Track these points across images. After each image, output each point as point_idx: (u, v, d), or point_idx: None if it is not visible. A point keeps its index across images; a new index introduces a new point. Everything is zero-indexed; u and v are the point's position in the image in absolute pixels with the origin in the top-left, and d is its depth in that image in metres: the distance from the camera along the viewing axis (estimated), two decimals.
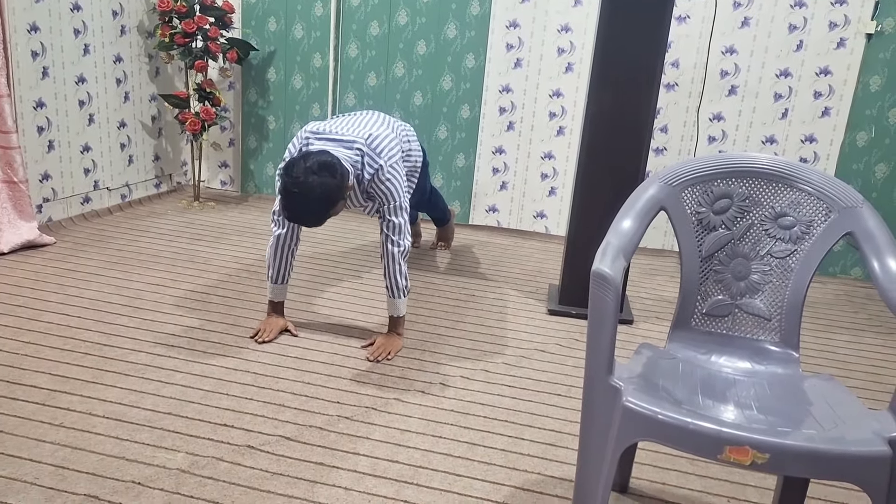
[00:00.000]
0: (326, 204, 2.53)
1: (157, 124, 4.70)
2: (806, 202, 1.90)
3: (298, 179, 2.47)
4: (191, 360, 2.68)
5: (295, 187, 2.47)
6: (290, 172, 2.50)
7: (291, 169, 2.50)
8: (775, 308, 1.94)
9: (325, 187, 2.50)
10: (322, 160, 2.52)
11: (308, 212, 2.53)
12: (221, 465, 2.10)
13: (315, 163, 2.50)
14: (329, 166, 2.52)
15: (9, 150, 3.54)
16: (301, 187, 2.47)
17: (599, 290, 1.61)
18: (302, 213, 2.54)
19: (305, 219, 2.57)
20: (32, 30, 3.66)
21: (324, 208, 2.54)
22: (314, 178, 2.47)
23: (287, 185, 2.49)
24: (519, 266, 3.99)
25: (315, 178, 2.48)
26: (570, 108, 4.29)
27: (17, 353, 2.61)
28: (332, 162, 2.54)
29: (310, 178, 2.47)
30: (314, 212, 2.54)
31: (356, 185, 2.73)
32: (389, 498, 2.02)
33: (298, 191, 2.47)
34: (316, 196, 2.49)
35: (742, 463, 1.47)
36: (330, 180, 2.51)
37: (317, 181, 2.48)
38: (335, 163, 2.55)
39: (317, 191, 2.48)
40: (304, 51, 4.58)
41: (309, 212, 2.53)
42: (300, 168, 2.49)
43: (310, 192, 2.47)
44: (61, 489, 1.94)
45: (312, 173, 2.48)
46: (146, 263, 3.57)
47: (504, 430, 2.40)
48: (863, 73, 3.93)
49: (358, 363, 2.76)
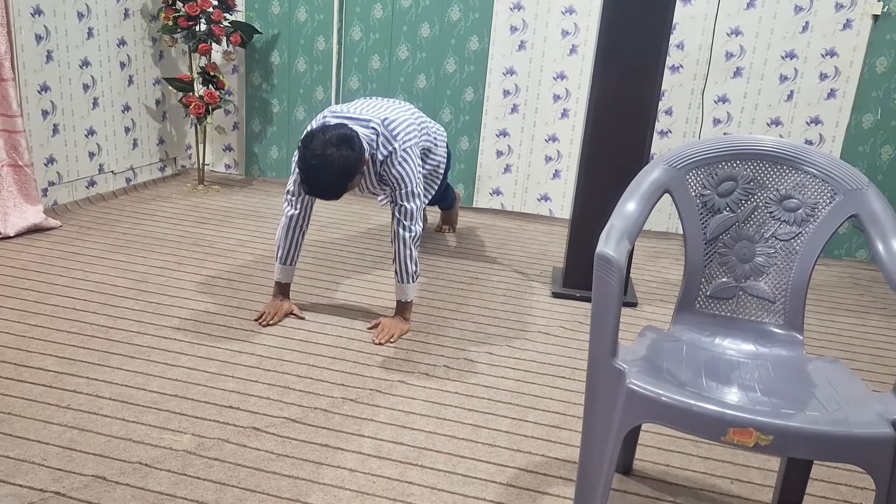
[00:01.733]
0: (345, 176, 2.54)
1: (162, 108, 4.70)
2: (811, 184, 1.90)
3: (317, 152, 2.48)
4: (196, 342, 2.69)
5: (314, 160, 2.49)
6: (309, 145, 2.51)
7: (310, 141, 2.52)
8: (780, 290, 1.94)
9: (344, 160, 2.51)
10: (340, 133, 2.53)
11: (327, 184, 2.53)
12: (227, 446, 2.11)
13: (334, 136, 2.52)
14: (347, 139, 2.54)
15: (14, 134, 3.54)
16: (320, 160, 2.48)
17: (603, 273, 1.61)
18: (321, 186, 2.54)
19: (324, 191, 2.56)
20: (36, 13, 3.66)
21: (342, 181, 2.54)
22: (333, 151, 2.49)
23: (306, 158, 2.50)
24: (523, 249, 3.99)
25: (334, 151, 2.49)
26: (575, 91, 4.27)
27: (24, 336, 2.63)
28: (350, 135, 2.55)
29: (328, 150, 2.49)
30: (333, 184, 2.54)
31: (371, 166, 2.74)
32: (394, 479, 2.03)
33: (318, 163, 2.48)
34: (335, 168, 2.50)
35: (746, 444, 1.47)
36: (349, 153, 2.52)
37: (336, 153, 2.49)
38: (353, 136, 2.56)
39: (336, 163, 2.49)
40: (307, 34, 4.57)
41: (328, 184, 2.53)
42: (319, 140, 2.50)
43: (329, 165, 2.48)
44: (69, 470, 1.95)
45: (331, 146, 2.49)
46: (151, 247, 3.58)
47: (508, 413, 2.41)
48: (869, 54, 3.91)
49: (362, 346, 2.77)
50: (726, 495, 2.08)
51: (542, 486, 2.05)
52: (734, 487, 2.11)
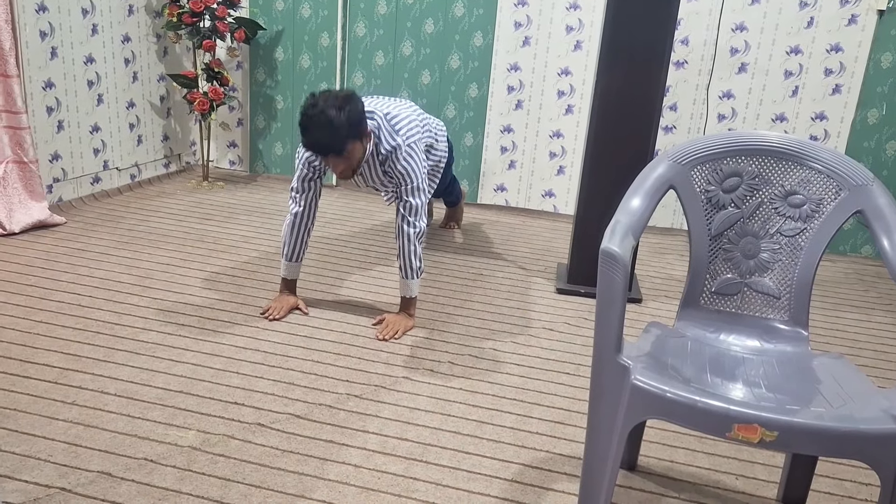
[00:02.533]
0: (348, 128, 2.52)
1: (166, 104, 4.70)
2: (816, 180, 1.89)
3: (318, 105, 2.50)
4: (201, 338, 2.69)
5: (314, 109, 2.50)
6: (312, 101, 2.52)
7: (314, 98, 2.53)
8: (784, 286, 1.94)
9: (349, 112, 2.51)
10: (345, 94, 2.55)
11: (329, 133, 2.51)
12: (232, 442, 2.11)
13: (336, 96, 2.53)
14: (352, 99, 2.55)
15: (19, 131, 3.55)
16: (321, 112, 2.49)
17: (608, 269, 1.61)
18: (322, 136, 2.52)
19: (325, 141, 2.53)
20: (40, 10, 3.66)
21: (344, 133, 2.52)
22: (335, 105, 2.50)
23: (307, 110, 2.51)
24: (527, 245, 3.99)
25: (337, 105, 2.50)
26: (579, 87, 4.27)
27: (30, 332, 2.63)
28: (354, 97, 2.57)
29: (330, 104, 2.50)
30: (335, 135, 2.51)
31: (374, 158, 2.74)
32: (398, 475, 2.03)
33: (316, 113, 2.49)
34: (339, 120, 2.49)
35: (751, 440, 1.47)
36: (354, 107, 2.53)
37: (339, 106, 2.50)
38: (358, 99, 2.58)
39: (340, 117, 2.49)
40: (311, 30, 4.57)
41: (330, 133, 2.51)
42: (321, 98, 2.52)
43: (332, 118, 2.48)
44: (74, 466, 1.96)
45: (333, 102, 2.51)
46: (156, 243, 3.58)
47: (512, 409, 2.41)
48: (874, 49, 3.90)
49: (367, 342, 2.77)
50: (731, 491, 2.08)
51: (547, 482, 2.06)
52: (739, 483, 2.11)
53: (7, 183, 3.55)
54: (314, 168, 2.82)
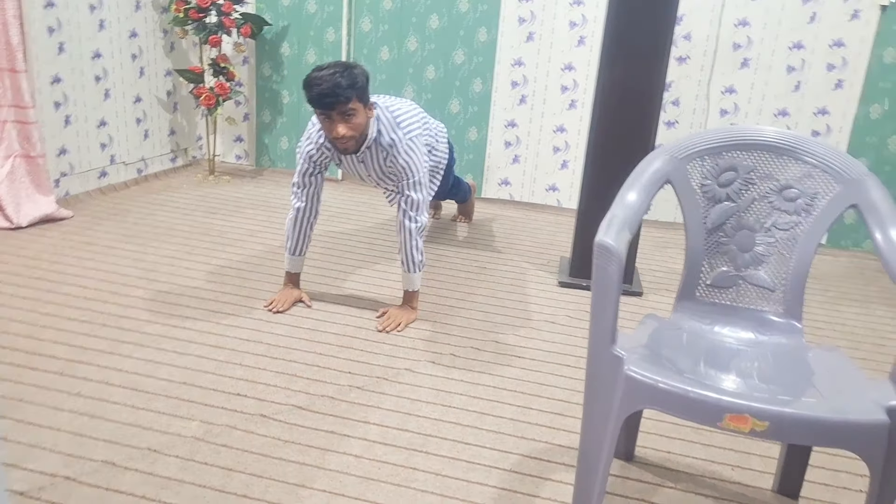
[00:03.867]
0: (353, 83, 2.57)
1: (173, 99, 4.73)
2: (811, 174, 1.91)
3: (325, 64, 2.61)
4: (205, 330, 2.72)
5: (320, 67, 2.60)
6: (317, 66, 2.62)
7: (318, 66, 2.63)
8: (779, 280, 1.96)
9: (355, 72, 2.60)
10: (353, 62, 2.65)
11: (335, 83, 2.54)
12: (235, 433, 2.15)
13: (344, 62, 2.64)
14: (359, 66, 2.64)
15: (26, 126, 3.58)
16: (330, 66, 2.59)
17: (603, 262, 1.63)
18: (328, 85, 2.55)
19: (332, 88, 2.55)
20: (48, 5, 3.69)
21: (350, 84, 2.56)
22: (342, 64, 2.60)
23: (314, 70, 2.60)
24: (531, 239, 4.01)
25: (344, 64, 2.61)
26: (583, 82, 4.28)
27: (36, 325, 2.67)
28: (361, 66, 2.65)
29: (337, 64, 2.61)
30: (340, 85, 2.55)
31: (376, 146, 2.76)
32: (399, 465, 2.06)
33: (327, 66, 2.59)
34: (345, 74, 2.56)
35: (742, 430, 1.50)
36: (360, 72, 2.62)
37: (346, 65, 2.60)
38: (364, 69, 2.66)
39: (346, 72, 2.57)
40: (317, 25, 4.59)
41: (336, 83, 2.54)
42: (329, 62, 2.63)
43: (338, 71, 2.56)
44: (79, 455, 1.99)
45: (342, 63, 2.62)
46: (162, 237, 3.62)
47: (513, 400, 2.44)
48: (877, 45, 3.90)
49: (370, 334, 2.80)
50: (727, 482, 2.10)
51: (545, 473, 2.08)
52: (735, 474, 2.14)
53: (15, 177, 3.58)
54: (315, 163, 2.85)
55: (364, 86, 2.62)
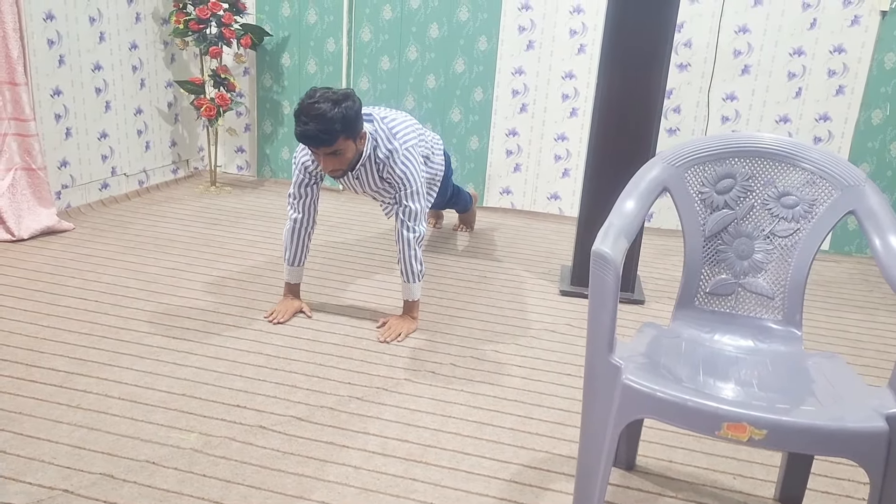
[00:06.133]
0: (342, 124, 2.53)
1: (174, 110, 4.74)
2: (808, 181, 1.90)
3: (315, 97, 2.53)
4: (205, 342, 2.72)
5: (310, 100, 2.53)
6: (310, 93, 2.56)
7: (313, 90, 2.57)
8: (778, 287, 1.95)
9: (344, 108, 2.53)
10: (344, 92, 2.58)
11: (321, 125, 2.51)
12: (234, 444, 2.14)
13: (335, 92, 2.56)
14: (350, 97, 2.57)
15: (27, 138, 3.59)
16: (318, 103, 2.51)
17: (600, 270, 1.63)
18: (314, 127, 2.51)
19: (317, 132, 2.52)
20: (48, 18, 3.71)
21: (337, 128, 2.53)
22: (332, 99, 2.52)
23: (304, 100, 2.54)
24: (532, 247, 4.00)
25: (333, 99, 2.52)
26: (583, 90, 4.28)
27: (36, 337, 2.67)
28: (353, 95, 2.59)
29: (327, 98, 2.53)
30: (327, 128, 2.51)
31: (371, 162, 2.76)
32: (398, 476, 2.05)
33: (316, 102, 2.51)
34: (333, 114, 2.51)
35: (740, 439, 1.49)
36: (350, 105, 2.55)
37: (336, 101, 2.52)
38: (356, 98, 2.60)
39: (335, 111, 2.51)
40: (317, 35, 4.60)
41: (322, 125, 2.51)
42: (321, 92, 2.56)
43: (326, 111, 2.50)
44: (78, 468, 1.99)
45: (332, 96, 2.54)
46: (163, 248, 3.62)
47: (513, 410, 2.43)
48: (877, 50, 3.90)
49: (370, 344, 2.79)
50: (728, 490, 2.09)
51: (545, 482, 2.07)
52: (736, 483, 2.12)
53: (16, 190, 3.59)
54: (310, 174, 2.85)
55: (353, 122, 2.58)
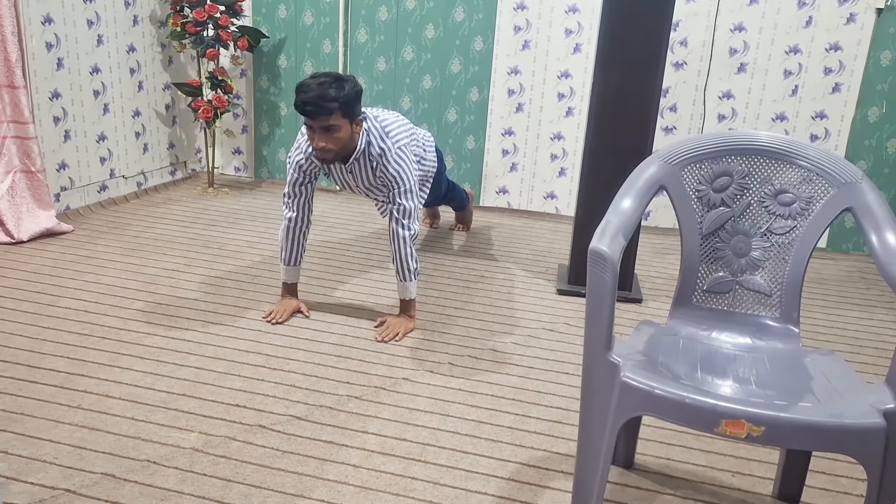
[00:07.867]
0: (341, 98, 2.58)
1: (171, 112, 4.75)
2: (805, 178, 1.92)
3: (318, 74, 2.64)
4: (205, 342, 2.73)
5: (313, 76, 2.62)
6: (313, 74, 2.66)
7: (314, 73, 2.67)
8: (775, 284, 1.96)
9: (345, 86, 2.61)
10: (346, 76, 2.67)
11: (321, 94, 2.56)
12: (234, 444, 2.15)
13: (336, 74, 2.66)
14: (351, 80, 2.66)
15: (26, 141, 3.60)
16: (320, 76, 2.62)
17: (597, 268, 1.63)
18: (313, 96, 2.56)
19: (316, 100, 2.56)
20: (46, 21, 3.71)
21: (335, 98, 2.57)
22: (334, 76, 2.63)
23: (307, 78, 2.63)
24: (529, 247, 4.01)
25: (335, 76, 2.63)
26: (579, 89, 4.29)
27: (37, 338, 2.68)
28: (354, 80, 2.68)
29: (329, 75, 2.63)
30: (325, 98, 2.56)
31: (365, 157, 2.77)
32: (397, 475, 2.06)
33: (317, 76, 2.61)
34: (334, 86, 2.58)
35: (738, 436, 1.49)
36: (351, 86, 2.63)
37: (337, 77, 2.62)
38: (357, 83, 2.68)
39: (335, 85, 2.59)
40: (313, 37, 4.61)
41: (321, 94, 2.56)
42: (324, 72, 2.68)
43: (327, 83, 2.58)
44: (79, 468, 2.00)
45: (334, 75, 2.64)
46: (162, 249, 3.62)
47: (511, 409, 2.44)
48: (873, 48, 3.91)
49: (368, 344, 2.80)
50: (727, 488, 2.10)
51: (544, 481, 2.08)
52: (735, 480, 2.13)
53: (15, 192, 3.60)
54: (305, 172, 2.86)
55: (352, 100, 2.62)
